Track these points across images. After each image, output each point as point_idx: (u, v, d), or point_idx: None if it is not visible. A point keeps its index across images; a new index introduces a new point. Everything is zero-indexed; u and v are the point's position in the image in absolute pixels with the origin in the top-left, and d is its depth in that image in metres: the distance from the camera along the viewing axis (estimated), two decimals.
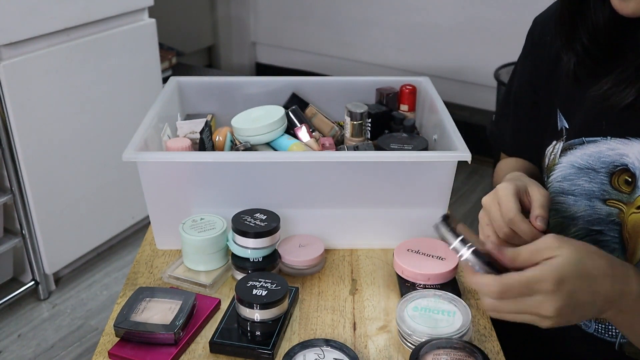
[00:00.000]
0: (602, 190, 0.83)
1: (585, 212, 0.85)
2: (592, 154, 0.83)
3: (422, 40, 2.77)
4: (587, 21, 0.80)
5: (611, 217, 0.83)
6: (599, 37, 0.80)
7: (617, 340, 0.87)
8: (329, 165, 0.95)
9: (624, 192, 0.81)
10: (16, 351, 1.80)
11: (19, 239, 1.88)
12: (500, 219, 0.77)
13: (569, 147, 0.86)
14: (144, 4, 2.04)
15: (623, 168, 0.80)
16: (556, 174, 0.88)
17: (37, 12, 1.72)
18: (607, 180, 0.82)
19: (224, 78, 1.25)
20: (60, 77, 1.82)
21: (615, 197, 0.82)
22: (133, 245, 2.25)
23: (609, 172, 0.82)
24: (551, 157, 0.90)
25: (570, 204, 0.87)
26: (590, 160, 0.84)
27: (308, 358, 0.76)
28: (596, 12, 0.79)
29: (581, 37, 0.80)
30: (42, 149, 1.82)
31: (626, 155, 0.80)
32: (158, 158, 0.95)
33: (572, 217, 0.87)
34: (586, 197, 0.85)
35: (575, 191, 0.86)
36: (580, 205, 0.86)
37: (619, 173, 0.81)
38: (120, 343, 0.81)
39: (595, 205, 0.84)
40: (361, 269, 0.98)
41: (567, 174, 0.87)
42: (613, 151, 0.81)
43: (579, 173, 0.85)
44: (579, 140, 0.85)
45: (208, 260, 0.94)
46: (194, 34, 3.24)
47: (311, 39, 3.08)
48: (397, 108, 1.19)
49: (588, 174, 0.84)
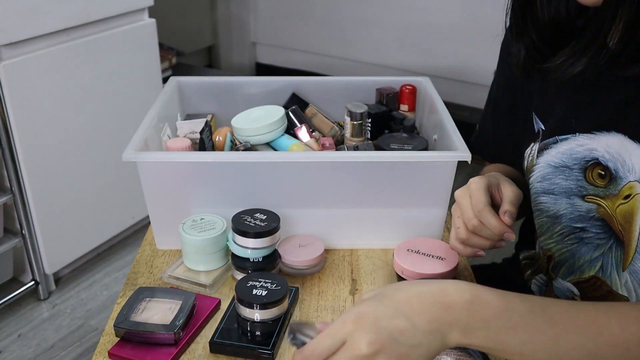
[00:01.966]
0: (579, 187, 0.84)
1: (567, 210, 0.87)
2: (564, 152, 0.85)
3: (422, 40, 2.77)
4: (535, 16, 0.82)
5: (591, 213, 0.84)
6: (545, 33, 0.82)
7: None
8: (329, 165, 0.95)
9: (600, 186, 0.82)
10: (16, 351, 1.80)
11: (19, 239, 1.87)
12: (470, 210, 0.81)
13: (544, 147, 0.88)
14: (144, 4, 2.04)
15: (594, 162, 0.82)
16: (535, 174, 0.90)
17: (37, 12, 1.72)
18: (582, 176, 0.84)
19: (224, 78, 1.25)
20: (60, 77, 1.82)
21: (592, 192, 0.83)
22: (133, 245, 2.25)
23: (582, 167, 0.83)
24: (529, 159, 0.91)
25: (551, 203, 0.88)
26: (563, 158, 0.85)
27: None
28: (542, 9, 0.81)
29: (530, 32, 0.82)
30: (42, 149, 1.82)
31: (595, 150, 0.81)
32: (158, 158, 0.95)
33: (555, 216, 0.88)
34: (565, 195, 0.86)
35: (554, 190, 0.87)
36: (561, 204, 0.87)
37: (591, 168, 0.82)
38: (120, 343, 0.81)
39: (575, 202, 0.85)
40: (361, 269, 0.98)
41: (545, 174, 0.88)
42: (582, 147, 0.83)
43: (555, 172, 0.87)
44: (553, 139, 0.87)
45: (208, 260, 0.94)
46: (194, 34, 3.24)
47: (311, 39, 3.08)
48: (397, 108, 1.19)
49: (563, 171, 0.86)
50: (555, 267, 0.92)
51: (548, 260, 0.93)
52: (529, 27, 0.82)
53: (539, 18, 0.81)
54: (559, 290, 0.92)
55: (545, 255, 0.93)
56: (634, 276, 0.81)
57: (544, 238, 0.92)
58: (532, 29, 0.82)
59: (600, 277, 0.85)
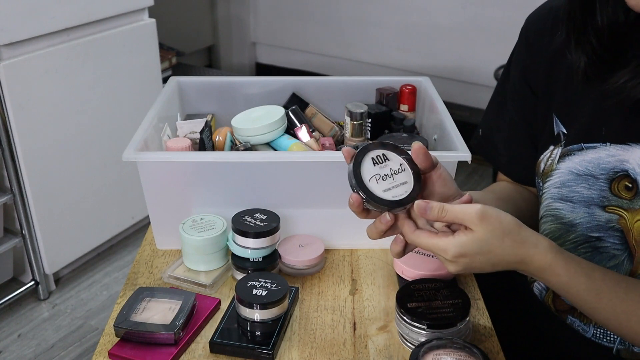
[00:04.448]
0: (602, 197, 0.82)
1: (584, 219, 0.84)
2: (591, 160, 0.82)
3: (422, 40, 2.77)
4: (595, 22, 0.78)
5: (611, 224, 0.82)
6: (604, 39, 0.78)
7: (614, 346, 0.87)
8: (329, 165, 0.95)
9: (624, 198, 0.80)
10: (16, 351, 1.80)
11: (19, 239, 1.88)
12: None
13: (567, 153, 0.85)
14: (144, 4, 2.04)
15: (623, 174, 0.80)
16: (554, 179, 0.87)
17: (37, 12, 1.72)
18: (607, 186, 0.81)
19: (224, 78, 1.25)
20: (60, 77, 1.82)
21: (615, 204, 0.81)
22: (133, 245, 2.25)
23: (608, 178, 0.81)
24: (548, 163, 0.89)
25: (568, 210, 0.86)
26: (589, 166, 0.83)
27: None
28: (601, 14, 0.78)
29: (590, 38, 0.79)
30: (42, 149, 1.82)
31: (626, 161, 0.79)
32: (158, 158, 0.95)
33: (570, 224, 0.86)
34: (584, 204, 0.84)
35: (573, 198, 0.85)
36: (579, 212, 0.85)
37: (619, 179, 0.80)
38: (120, 343, 0.81)
39: (594, 212, 0.83)
40: (361, 269, 0.98)
41: (566, 180, 0.85)
42: (613, 157, 0.80)
43: (577, 179, 0.84)
44: (578, 146, 0.84)
45: (208, 260, 0.94)
46: (194, 34, 3.24)
47: (311, 39, 3.08)
48: (397, 108, 1.19)
49: (587, 180, 0.83)
50: None
51: None
52: (589, 32, 0.78)
53: (599, 23, 0.78)
54: None
55: None
56: None
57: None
58: (592, 35, 0.78)
59: None
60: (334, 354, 0.81)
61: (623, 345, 0.86)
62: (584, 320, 0.89)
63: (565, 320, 0.92)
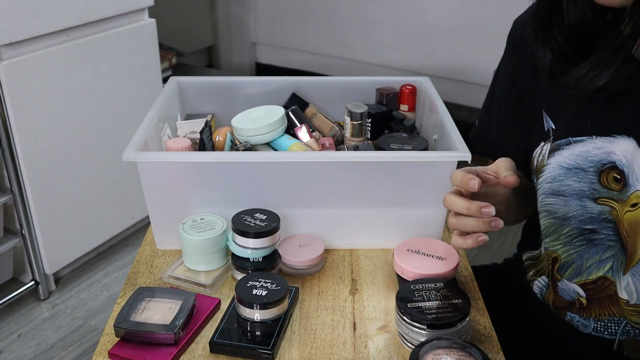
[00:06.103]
0: (592, 189, 0.83)
1: (577, 212, 0.85)
2: (579, 154, 0.84)
3: (422, 40, 2.77)
4: (562, 20, 0.80)
5: (603, 215, 0.83)
6: (571, 38, 0.80)
7: (616, 337, 0.88)
8: (329, 165, 0.95)
9: (614, 189, 0.81)
10: (16, 351, 1.80)
11: (19, 239, 1.88)
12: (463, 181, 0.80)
13: (556, 148, 0.87)
14: (144, 4, 2.04)
15: (611, 166, 0.81)
16: (545, 175, 0.89)
17: (37, 12, 1.72)
18: (596, 179, 0.83)
19: (224, 78, 1.25)
20: (60, 77, 1.82)
21: (606, 195, 0.82)
22: (133, 245, 2.25)
23: (597, 170, 0.82)
24: (539, 159, 0.90)
25: (561, 204, 0.87)
26: (578, 160, 0.84)
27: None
28: (568, 13, 0.79)
29: (556, 36, 0.80)
30: (42, 149, 1.82)
31: (613, 153, 0.80)
32: (158, 158, 0.95)
33: (564, 218, 0.87)
34: (576, 197, 0.85)
35: (565, 192, 0.86)
36: (572, 206, 0.86)
37: (607, 171, 0.81)
38: (120, 343, 0.81)
39: (587, 204, 0.84)
40: (361, 269, 0.98)
41: (556, 175, 0.87)
42: (600, 150, 0.82)
43: (567, 173, 0.85)
44: (566, 140, 0.85)
45: (208, 260, 0.94)
46: (194, 34, 3.24)
47: (311, 39, 3.08)
48: (397, 108, 1.19)
49: (577, 173, 0.84)
50: (560, 268, 0.91)
51: (553, 262, 0.92)
52: (554, 31, 0.80)
53: (565, 22, 0.80)
54: (564, 292, 0.91)
55: (550, 257, 0.92)
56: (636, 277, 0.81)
57: (550, 239, 0.91)
58: (558, 33, 0.80)
59: (609, 278, 0.85)
60: (334, 354, 0.81)
61: (625, 335, 0.87)
62: (583, 315, 0.90)
63: (564, 317, 0.92)
